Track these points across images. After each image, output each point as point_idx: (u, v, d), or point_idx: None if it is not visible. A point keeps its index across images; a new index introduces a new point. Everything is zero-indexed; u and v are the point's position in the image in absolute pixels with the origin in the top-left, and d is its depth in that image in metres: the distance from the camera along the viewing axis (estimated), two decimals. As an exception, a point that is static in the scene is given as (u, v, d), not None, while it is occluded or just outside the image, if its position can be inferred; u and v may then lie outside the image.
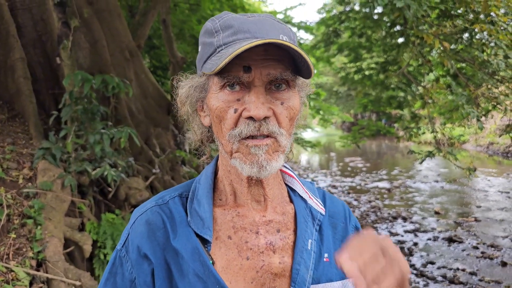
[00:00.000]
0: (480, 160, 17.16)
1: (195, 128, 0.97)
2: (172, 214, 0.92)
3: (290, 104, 0.85)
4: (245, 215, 0.92)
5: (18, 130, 4.49)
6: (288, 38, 0.85)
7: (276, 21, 0.88)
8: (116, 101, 5.67)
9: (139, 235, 0.91)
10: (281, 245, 0.92)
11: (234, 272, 0.88)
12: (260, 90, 0.82)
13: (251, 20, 0.85)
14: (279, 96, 0.84)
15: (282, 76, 0.82)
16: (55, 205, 3.78)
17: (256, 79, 0.81)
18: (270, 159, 0.84)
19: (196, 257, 0.87)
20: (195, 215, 0.91)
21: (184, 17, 10.05)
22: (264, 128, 0.82)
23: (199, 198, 0.93)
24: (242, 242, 0.90)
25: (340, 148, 23.87)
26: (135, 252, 0.90)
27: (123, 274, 0.91)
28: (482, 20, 5.17)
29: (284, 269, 0.90)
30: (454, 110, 6.00)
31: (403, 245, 6.80)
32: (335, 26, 9.17)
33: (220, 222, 0.92)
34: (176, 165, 6.97)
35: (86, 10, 5.70)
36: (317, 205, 1.00)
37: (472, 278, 5.47)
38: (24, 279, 3.09)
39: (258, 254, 0.90)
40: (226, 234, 0.91)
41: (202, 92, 0.91)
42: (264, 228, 0.92)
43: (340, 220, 1.04)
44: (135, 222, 0.94)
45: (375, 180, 12.92)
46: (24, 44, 4.92)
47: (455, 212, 8.91)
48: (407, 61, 6.52)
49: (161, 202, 0.95)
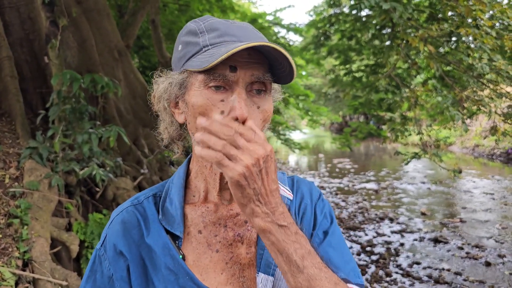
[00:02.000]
0: (465, 162, 17.39)
1: (167, 125, 0.99)
2: (146, 213, 0.98)
3: (265, 108, 0.89)
4: (213, 210, 0.97)
5: (5, 129, 4.45)
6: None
7: (256, 30, 0.93)
8: (104, 101, 5.65)
9: (115, 233, 0.96)
10: (248, 236, 0.96)
11: (205, 264, 0.93)
12: (242, 91, 0.85)
13: (235, 25, 0.90)
14: (256, 100, 0.88)
15: (265, 78, 0.87)
16: (42, 205, 3.76)
17: (240, 79, 0.85)
18: None
19: (167, 251, 0.92)
20: (167, 213, 0.96)
21: (173, 17, 10.04)
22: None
23: (171, 197, 0.99)
24: (212, 236, 0.95)
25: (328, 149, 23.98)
26: (111, 250, 0.95)
27: (102, 272, 0.96)
28: (467, 24, 5.26)
29: (251, 259, 0.95)
30: (440, 113, 6.09)
31: (389, 245, 6.87)
32: (325, 28, 9.23)
33: (191, 218, 0.96)
34: (164, 166, 6.96)
35: (74, 9, 5.67)
36: (284, 191, 1.05)
37: (457, 278, 5.55)
38: (10, 279, 3.07)
39: (227, 247, 0.95)
40: (196, 229, 0.96)
41: (181, 89, 0.92)
42: (232, 221, 0.97)
43: (308, 200, 1.07)
44: (112, 222, 0.99)
45: (362, 181, 13.02)
46: (11, 43, 4.88)
47: (441, 213, 9.02)
48: (393, 63, 6.59)
49: (136, 202, 1.00)
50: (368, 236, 7.41)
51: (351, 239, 7.22)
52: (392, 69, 6.53)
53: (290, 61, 0.81)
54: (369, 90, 8.41)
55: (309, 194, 1.08)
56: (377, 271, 5.80)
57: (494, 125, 6.01)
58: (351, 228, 7.83)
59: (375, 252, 6.56)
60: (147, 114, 7.03)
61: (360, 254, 6.52)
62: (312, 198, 1.08)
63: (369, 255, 6.46)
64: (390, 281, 5.49)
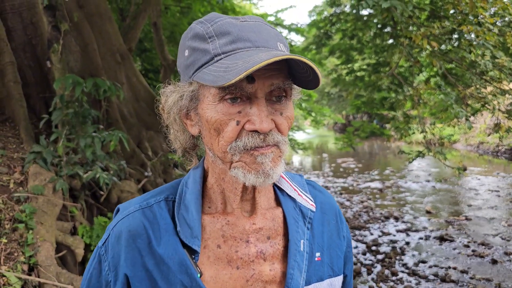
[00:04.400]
0: (470, 159, 17.33)
1: (179, 136, 0.94)
2: (156, 220, 0.89)
3: (288, 114, 0.85)
4: (235, 223, 0.90)
5: (9, 134, 4.47)
6: (283, 45, 0.85)
7: (269, 26, 0.86)
8: (107, 104, 5.67)
9: (117, 243, 0.89)
10: (272, 252, 0.91)
11: (223, 281, 0.87)
12: (262, 102, 0.80)
13: (247, 25, 0.82)
14: (278, 107, 0.83)
15: (285, 85, 0.82)
16: (47, 209, 3.77)
17: (259, 90, 0.79)
18: (275, 166, 0.83)
19: (183, 269, 0.85)
20: (183, 223, 0.87)
21: (175, 20, 10.05)
22: (270, 139, 0.81)
23: (187, 204, 0.90)
24: (232, 252, 0.89)
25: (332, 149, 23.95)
26: (113, 258, 0.89)
27: (100, 272, 0.91)
28: (469, 21, 5.24)
29: (275, 276, 0.90)
30: (443, 110, 6.07)
31: (395, 244, 6.85)
32: (326, 28, 9.22)
33: (209, 231, 0.89)
34: (168, 168, 6.97)
35: (76, 14, 5.69)
36: (307, 201, 0.99)
37: (463, 276, 5.52)
38: (16, 284, 3.08)
39: (249, 263, 0.89)
40: (215, 243, 0.89)
41: (192, 101, 0.86)
42: (255, 236, 0.91)
43: (332, 217, 1.04)
44: (117, 225, 0.91)
45: (367, 180, 12.99)
46: (14, 48, 4.90)
47: (446, 211, 8.99)
48: (396, 61, 6.58)
49: (145, 205, 0.92)
50: (373, 235, 7.39)
51: (357, 239, 7.20)
52: (395, 68, 6.51)
53: (315, 69, 0.76)
54: (371, 89, 8.40)
55: (334, 211, 1.06)
56: (383, 270, 5.78)
57: (497, 122, 5.98)
58: (356, 228, 7.82)
59: (380, 251, 6.54)
60: (150, 117, 7.05)
61: (365, 253, 6.50)
62: (336, 216, 1.06)
63: (375, 255, 6.44)
64: (396, 280, 5.48)
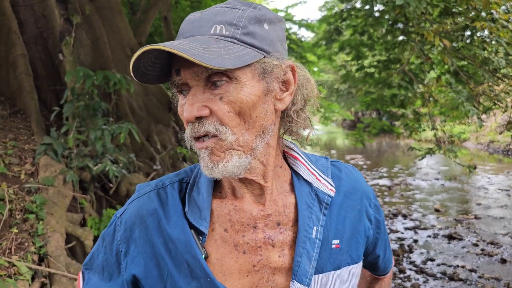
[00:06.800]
0: (480, 158, 17.17)
1: None
2: (167, 200, 0.91)
3: (231, 98, 0.78)
4: (242, 208, 0.89)
5: (20, 126, 4.51)
6: (228, 25, 0.79)
7: (225, 8, 0.82)
8: (117, 97, 5.69)
9: (130, 219, 0.92)
10: (281, 239, 0.89)
11: (229, 265, 0.87)
12: (194, 90, 0.80)
13: (192, 17, 0.84)
14: (217, 92, 0.79)
15: (209, 72, 0.77)
16: (57, 200, 3.80)
17: (188, 80, 0.79)
18: (218, 160, 0.80)
19: (188, 249, 0.85)
20: (193, 204, 0.89)
21: (185, 14, 10.05)
22: (198, 129, 0.80)
23: (200, 186, 0.91)
24: (239, 236, 0.88)
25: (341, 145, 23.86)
26: (125, 232, 0.91)
27: (113, 241, 0.93)
28: (483, 18, 5.18)
29: (284, 262, 0.88)
30: (454, 108, 6.01)
31: (403, 242, 6.82)
32: (336, 24, 9.16)
33: (217, 214, 0.89)
34: (177, 162, 6.99)
35: (87, 7, 5.72)
36: (325, 186, 0.95)
37: (471, 275, 5.49)
38: (26, 274, 3.11)
39: (256, 249, 0.88)
40: (222, 226, 0.89)
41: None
42: (263, 222, 0.89)
43: (357, 202, 0.99)
44: (133, 202, 0.94)
45: (375, 177, 12.93)
46: (26, 41, 4.93)
47: (455, 209, 8.93)
48: (407, 58, 6.52)
49: (161, 186, 0.94)
50: (381, 232, 7.36)
51: (364, 236, 7.17)
52: (406, 64, 6.46)
53: (183, 56, 0.71)
54: (381, 86, 8.34)
55: (360, 195, 1.01)
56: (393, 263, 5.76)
57: (510, 120, 5.91)
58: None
59: (388, 249, 6.52)
60: (159, 110, 7.07)
61: (373, 250, 6.48)
62: (363, 200, 1.01)
63: (382, 252, 6.41)
64: (403, 278, 5.46)
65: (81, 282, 0.96)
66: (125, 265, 0.90)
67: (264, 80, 0.82)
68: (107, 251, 0.94)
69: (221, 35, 0.79)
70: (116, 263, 0.92)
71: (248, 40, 0.80)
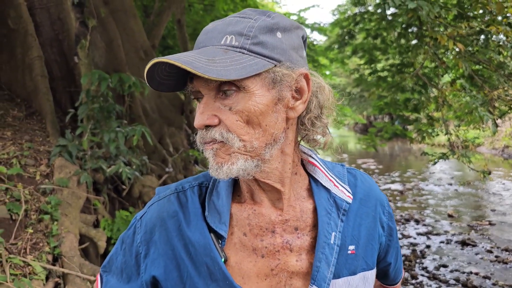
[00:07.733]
0: (495, 163, 16.94)
1: None
2: (187, 204, 0.92)
3: (239, 108, 0.79)
4: (261, 213, 0.91)
5: (36, 127, 4.57)
6: (238, 35, 0.80)
7: (238, 18, 0.83)
8: (130, 100, 5.74)
9: (150, 221, 0.93)
10: (299, 244, 0.91)
11: (248, 268, 0.88)
12: (206, 99, 0.82)
13: (210, 28, 0.84)
14: (227, 102, 0.80)
15: (218, 82, 0.79)
16: (71, 202, 3.84)
17: (200, 88, 0.82)
18: (222, 162, 0.82)
19: (208, 252, 0.87)
20: (213, 208, 0.90)
21: (199, 17, 10.12)
22: (206, 136, 0.82)
23: (219, 190, 0.92)
24: (258, 240, 0.89)
25: (353, 149, 23.74)
26: (145, 234, 0.92)
27: (133, 242, 0.94)
28: (498, 22, 5.12)
29: (302, 267, 0.90)
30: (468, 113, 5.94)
31: (415, 247, 6.76)
32: (349, 27, 9.13)
33: (236, 218, 0.91)
34: (189, 164, 7.02)
35: (102, 9, 5.78)
36: (343, 192, 0.96)
37: (485, 282, 5.41)
38: (41, 273, 3.15)
39: (274, 253, 0.89)
40: (241, 230, 0.90)
41: None
42: (281, 227, 0.91)
43: (371, 208, 1.00)
44: (153, 205, 0.96)
45: (387, 182, 12.83)
46: (42, 43, 5.01)
47: (469, 215, 8.81)
48: (420, 62, 6.47)
49: (181, 189, 0.95)
50: (393, 237, 7.29)
51: (376, 241, 7.12)
52: (419, 68, 6.41)
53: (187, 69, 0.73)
54: (395, 89, 8.28)
55: (374, 202, 1.02)
56: (402, 273, 5.70)
57: (525, 126, 5.82)
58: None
59: (400, 254, 6.46)
60: (172, 113, 7.11)
61: (385, 255, 6.43)
62: (377, 207, 1.02)
63: (394, 257, 6.36)
64: (416, 284, 5.40)
65: (99, 285, 0.97)
66: (144, 267, 0.91)
67: (275, 89, 0.82)
68: (126, 253, 0.95)
69: (231, 46, 0.80)
70: (136, 265, 0.93)
71: (258, 50, 0.80)
